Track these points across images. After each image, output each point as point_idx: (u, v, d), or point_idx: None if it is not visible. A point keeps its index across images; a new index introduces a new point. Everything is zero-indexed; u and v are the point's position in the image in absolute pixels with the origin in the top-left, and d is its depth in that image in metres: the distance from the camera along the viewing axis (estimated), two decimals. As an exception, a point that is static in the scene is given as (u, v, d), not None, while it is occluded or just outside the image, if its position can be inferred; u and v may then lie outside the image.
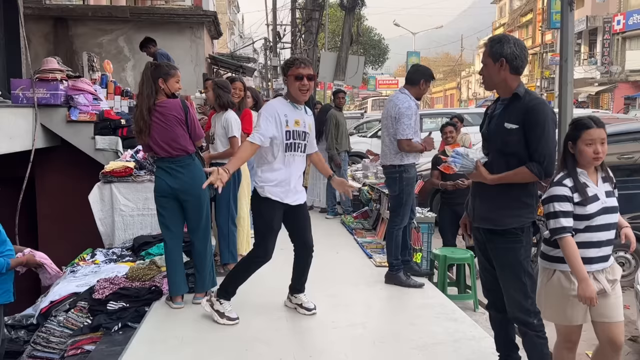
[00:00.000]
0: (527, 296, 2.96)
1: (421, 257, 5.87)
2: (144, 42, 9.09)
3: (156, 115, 4.16)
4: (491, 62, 2.96)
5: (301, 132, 3.87)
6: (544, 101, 2.95)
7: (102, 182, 6.27)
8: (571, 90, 5.90)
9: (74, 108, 7.47)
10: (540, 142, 2.84)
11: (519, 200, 2.95)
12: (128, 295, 4.36)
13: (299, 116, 3.87)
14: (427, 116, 14.96)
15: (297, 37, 22.61)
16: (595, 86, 33.19)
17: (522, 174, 2.88)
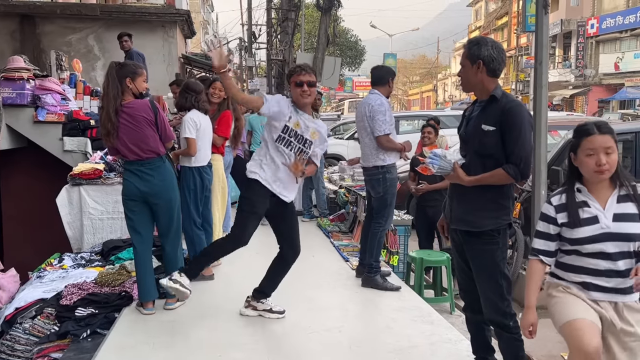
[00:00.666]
0: (504, 298, 2.99)
1: (398, 259, 5.90)
2: (121, 34, 8.97)
3: (123, 116, 4.06)
4: (469, 64, 2.99)
5: (299, 135, 3.90)
6: (520, 103, 2.99)
7: (70, 185, 6.17)
8: (546, 93, 6.00)
9: (41, 108, 7.34)
10: (516, 144, 2.88)
11: (496, 202, 2.99)
12: (97, 301, 4.28)
13: (301, 120, 3.92)
14: (403, 118, 15.08)
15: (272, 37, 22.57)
16: (569, 89, 33.88)
17: (499, 175, 2.92)
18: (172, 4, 14.36)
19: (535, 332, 2.64)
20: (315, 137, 3.96)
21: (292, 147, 3.89)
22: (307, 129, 3.92)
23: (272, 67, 22.77)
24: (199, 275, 4.23)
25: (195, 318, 4.21)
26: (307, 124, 3.93)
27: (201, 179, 5.01)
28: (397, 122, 13.66)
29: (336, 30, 19.79)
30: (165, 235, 4.33)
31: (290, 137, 3.88)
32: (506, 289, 2.99)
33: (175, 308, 4.35)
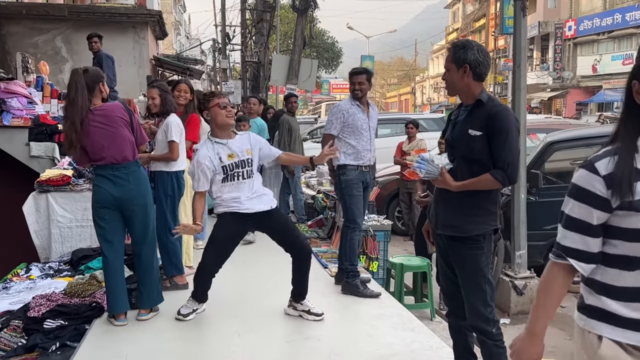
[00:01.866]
0: (487, 304, 3.02)
1: (378, 265, 5.92)
2: (91, 35, 8.85)
3: (97, 119, 4.00)
4: (454, 68, 3.02)
5: (239, 162, 4.11)
6: (507, 108, 3.03)
7: (37, 192, 6.06)
8: (524, 96, 6.10)
9: (6, 112, 7.21)
10: (503, 149, 2.91)
11: (482, 207, 3.02)
12: (66, 313, 4.21)
13: (230, 149, 4.12)
14: (381, 122, 15.14)
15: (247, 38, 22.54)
16: (547, 92, 34.47)
17: (486, 181, 2.95)
18: (143, 4, 14.29)
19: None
20: (251, 150, 4.18)
21: (240, 175, 4.12)
22: (241, 151, 4.14)
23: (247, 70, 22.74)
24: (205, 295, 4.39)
25: (168, 329, 4.17)
26: (241, 145, 4.16)
27: (178, 184, 4.99)
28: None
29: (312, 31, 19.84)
30: (141, 242, 4.27)
31: (234, 170, 4.10)
32: (489, 295, 3.02)
33: (148, 319, 4.30)
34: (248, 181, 4.13)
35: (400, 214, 9.89)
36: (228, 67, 30.41)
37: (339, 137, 5.08)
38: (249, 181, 4.14)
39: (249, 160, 4.14)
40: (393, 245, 8.18)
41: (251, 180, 4.15)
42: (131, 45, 12.58)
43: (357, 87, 5.07)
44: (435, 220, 3.19)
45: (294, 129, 8.19)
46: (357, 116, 5.05)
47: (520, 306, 6.06)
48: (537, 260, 6.72)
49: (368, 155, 5.12)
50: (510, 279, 6.11)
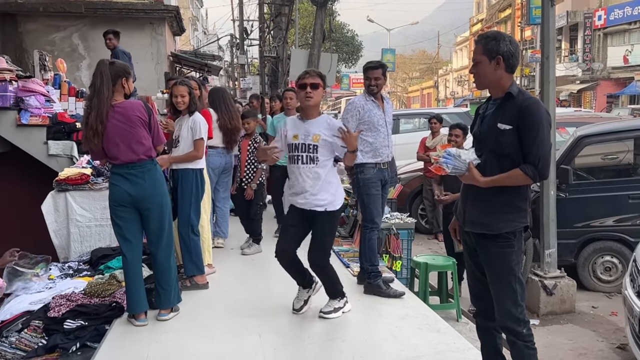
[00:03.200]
0: (517, 304, 2.99)
1: (401, 265, 5.90)
2: (106, 32, 8.94)
3: (116, 117, 4.05)
4: (486, 60, 3.00)
5: (300, 145, 4.15)
6: (538, 101, 2.99)
7: (56, 191, 6.14)
8: (553, 89, 6.03)
9: (24, 111, 7.32)
10: (534, 144, 2.88)
11: (512, 204, 3.00)
12: (86, 313, 4.27)
13: (299, 130, 4.19)
14: (403, 117, 15.09)
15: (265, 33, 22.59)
16: (576, 84, 33.97)
17: (516, 176, 2.92)
18: (160, 0, 14.36)
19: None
20: (319, 138, 4.12)
21: (299, 159, 4.16)
22: (307, 135, 4.15)
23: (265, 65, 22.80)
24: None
25: (190, 329, 4.21)
26: (309, 130, 4.16)
27: (201, 181, 5.07)
28: (397, 121, 13.67)
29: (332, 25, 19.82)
30: (157, 242, 4.31)
31: (293, 152, 4.18)
32: (520, 294, 3.00)
33: (169, 319, 4.34)
34: (306, 170, 4.14)
35: (424, 212, 9.85)
36: (246, 62, 30.53)
37: None
38: (307, 170, 4.14)
39: (310, 145, 4.14)
40: (417, 244, 8.14)
41: (309, 169, 4.14)
42: (148, 41, 12.70)
43: (372, 82, 5.03)
44: (462, 217, 3.17)
45: (314, 125, 8.17)
46: (372, 112, 5.02)
47: (550, 307, 6.01)
48: (567, 259, 6.66)
49: (386, 152, 5.10)
50: (539, 278, 6.05)
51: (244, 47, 28.83)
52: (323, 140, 4.11)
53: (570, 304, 6.07)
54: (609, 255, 6.71)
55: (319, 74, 4.21)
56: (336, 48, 36.66)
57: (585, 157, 6.98)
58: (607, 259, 6.73)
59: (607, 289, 6.74)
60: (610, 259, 6.72)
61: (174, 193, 5.00)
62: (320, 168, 4.15)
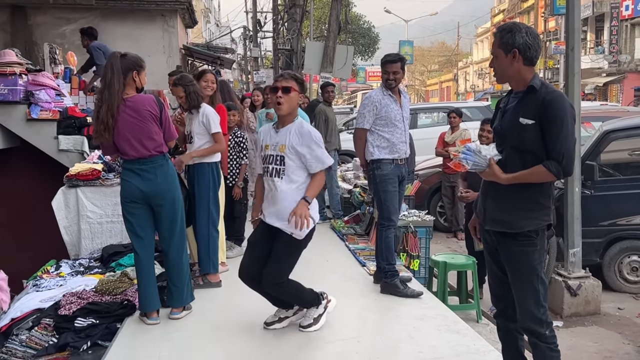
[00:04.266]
0: (540, 304, 2.98)
1: (419, 264, 5.89)
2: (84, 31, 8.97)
3: (127, 111, 4.07)
4: (502, 53, 2.98)
5: (269, 156, 3.91)
6: (561, 94, 2.97)
7: (66, 187, 6.20)
8: (578, 82, 5.97)
9: (34, 105, 7.39)
10: (558, 139, 2.86)
11: (534, 201, 2.98)
12: (98, 311, 4.32)
13: (271, 139, 3.94)
14: (421, 111, 15.04)
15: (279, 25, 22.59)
16: (602, 77, 33.55)
17: (539, 173, 2.90)
18: (171, -9, 14.43)
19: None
20: (284, 149, 3.83)
21: (268, 172, 3.91)
22: (275, 146, 3.90)
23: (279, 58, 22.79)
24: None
25: (203, 329, 4.24)
26: (277, 140, 3.90)
27: (218, 175, 5.13)
28: (415, 115, 13.63)
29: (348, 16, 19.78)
30: (169, 239, 4.34)
31: (265, 164, 3.95)
32: (542, 295, 2.98)
33: (181, 317, 4.38)
34: (279, 184, 3.84)
35: (443, 209, 9.82)
36: (259, 55, 30.57)
37: (371, 130, 5.06)
38: (279, 185, 3.84)
39: (277, 157, 3.86)
40: (435, 242, 8.12)
41: (282, 183, 3.84)
42: (160, 34, 12.75)
43: (391, 76, 5.02)
44: (483, 215, 3.16)
45: (331, 119, 8.20)
46: (390, 107, 5.02)
47: (574, 308, 5.96)
48: (592, 258, 6.60)
49: (403, 148, 5.09)
50: (563, 278, 6.01)
51: (257, 40, 28.88)
52: (290, 150, 3.81)
53: (595, 305, 6.02)
54: (636, 254, 6.64)
55: (295, 77, 3.93)
56: (352, 40, 36.58)
57: (611, 153, 6.91)
58: (634, 259, 6.67)
59: (634, 289, 6.68)
60: (637, 259, 6.66)
61: (189, 190, 5.02)
62: (285, 184, 3.83)
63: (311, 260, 6.13)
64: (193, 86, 5.08)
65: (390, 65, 5.02)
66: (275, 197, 3.86)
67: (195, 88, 5.09)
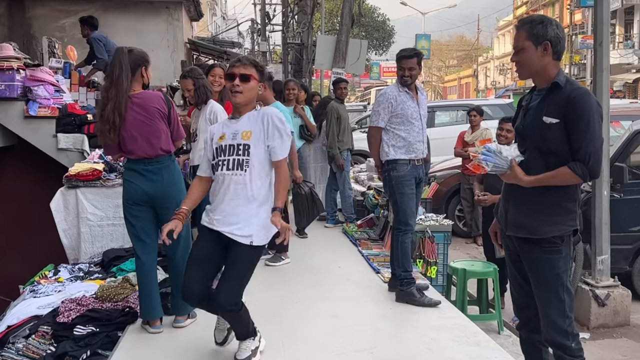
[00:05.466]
0: (565, 315, 2.97)
1: (437, 271, 5.88)
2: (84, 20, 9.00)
3: (134, 108, 4.08)
4: (531, 46, 2.98)
5: (226, 147, 3.47)
6: (588, 91, 2.96)
7: (65, 187, 6.24)
8: (607, 78, 5.94)
9: (32, 101, 7.45)
10: (584, 138, 2.85)
11: (559, 205, 2.97)
12: (98, 318, 4.34)
13: (226, 129, 3.54)
14: (439, 108, 15.01)
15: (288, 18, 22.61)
16: (632, 73, 33.31)
17: (564, 175, 2.89)
18: (176, -18, 14.48)
19: None
20: (249, 136, 3.46)
21: (224, 164, 3.46)
22: (235, 134, 3.48)
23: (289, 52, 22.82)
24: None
25: (208, 337, 4.24)
26: (237, 128, 3.51)
27: None
28: (433, 113, 13.60)
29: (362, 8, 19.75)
30: (174, 245, 4.33)
31: (219, 157, 3.48)
32: (568, 305, 2.98)
33: (185, 326, 4.39)
34: (235, 179, 3.43)
35: (462, 213, 9.79)
36: (268, 49, 30.60)
37: (386, 128, 5.05)
38: (235, 179, 3.43)
39: (238, 146, 3.45)
40: (454, 248, 8.10)
41: (241, 177, 3.43)
42: (164, 27, 12.79)
43: (406, 72, 5.01)
44: (504, 220, 3.15)
45: (343, 117, 8.20)
46: (406, 104, 5.01)
47: (602, 319, 5.92)
48: (621, 266, 6.56)
49: (421, 148, 5.08)
50: (590, 287, 5.97)
51: (266, 33, 28.91)
52: (257, 137, 3.46)
53: (625, 316, 5.98)
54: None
55: (254, 62, 3.57)
56: (366, 34, 36.56)
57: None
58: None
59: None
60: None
61: None
62: (250, 179, 3.43)
63: (322, 266, 6.14)
64: (203, 80, 5.11)
65: (406, 60, 5.02)
66: (235, 197, 3.43)
67: (205, 82, 5.13)
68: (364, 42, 15.10)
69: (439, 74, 72.06)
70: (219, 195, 3.49)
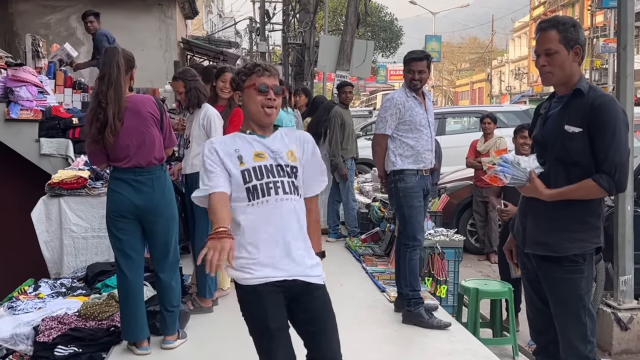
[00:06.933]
0: (587, 340, 2.96)
1: (447, 290, 5.85)
2: (85, 14, 9.03)
3: (127, 113, 4.06)
4: (564, 49, 2.97)
5: (272, 167, 2.87)
6: (612, 99, 2.97)
7: (48, 196, 6.22)
8: (631, 84, 5.93)
9: (14, 103, 7.45)
10: (609, 149, 2.86)
11: (582, 220, 2.97)
12: (81, 338, 4.32)
13: (259, 147, 2.94)
14: (450, 115, 15.03)
15: (290, 16, 22.70)
16: (657, 79, 33.37)
17: (588, 188, 2.89)
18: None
19: None
20: (294, 156, 2.96)
21: (272, 189, 2.83)
22: (279, 153, 2.92)
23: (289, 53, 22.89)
24: None
25: (198, 358, 4.22)
26: (272, 146, 2.94)
27: None
28: (443, 120, 13.62)
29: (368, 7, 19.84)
30: (162, 260, 4.33)
31: (262, 179, 2.83)
32: (590, 329, 2.97)
33: (175, 347, 4.36)
34: (285, 205, 2.83)
35: (474, 228, 9.76)
36: (267, 50, 30.70)
37: (393, 136, 5.04)
38: (285, 205, 2.83)
39: (287, 167, 2.90)
40: (465, 265, 8.07)
41: (289, 203, 2.84)
42: (156, 25, 12.83)
43: (416, 76, 5.01)
44: (521, 236, 3.13)
45: (348, 124, 8.20)
46: (414, 110, 5.01)
47: (625, 344, 5.88)
48: (646, 287, 6.51)
49: (429, 157, 5.08)
50: (612, 310, 5.94)
51: (265, 33, 29.01)
52: (299, 161, 2.98)
53: (650, 341, 5.95)
54: None
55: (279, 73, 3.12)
56: (372, 34, 36.68)
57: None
58: None
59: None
60: None
61: (187, 203, 5.01)
62: (302, 207, 2.94)
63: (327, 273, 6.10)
64: (195, 82, 5.10)
65: (416, 63, 5.01)
66: (296, 226, 2.87)
67: (198, 84, 5.10)
68: (370, 43, 15.15)
69: (449, 78, 72.22)
70: (269, 229, 2.81)
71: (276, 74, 3.06)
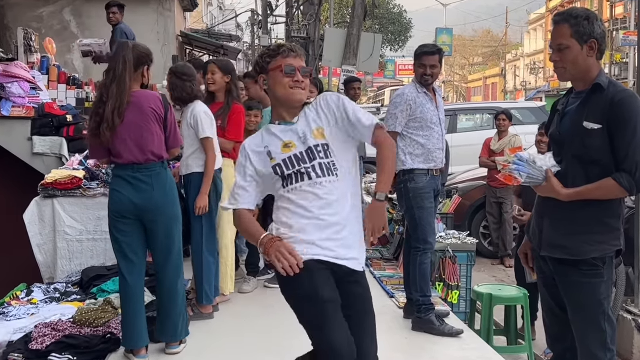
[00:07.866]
0: (606, 348, 2.96)
1: (459, 296, 5.85)
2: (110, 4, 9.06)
3: (129, 108, 4.09)
4: (577, 44, 2.97)
5: (300, 155, 2.95)
6: (633, 94, 2.96)
7: (41, 197, 6.24)
8: (653, 79, 5.93)
9: (5, 100, 7.47)
10: (630, 147, 2.86)
11: (601, 222, 2.97)
12: (76, 345, 4.33)
13: (286, 136, 3.01)
14: (462, 112, 15.01)
15: (293, 9, 22.72)
16: (681, 74, 33.24)
17: (607, 188, 2.89)
18: (168, -33, 14.58)
19: None
20: (322, 133, 2.98)
21: (307, 174, 2.92)
22: (305, 136, 2.98)
23: (293, 47, 22.88)
24: None
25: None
26: (299, 130, 3.00)
27: (216, 186, 5.06)
28: (455, 117, 13.61)
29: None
30: (164, 263, 4.34)
31: (294, 167, 2.94)
32: (610, 336, 2.97)
33: (179, 352, 4.38)
34: (324, 187, 2.91)
35: (488, 230, 9.74)
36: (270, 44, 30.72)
37: (402, 134, 5.02)
38: (324, 187, 2.91)
39: (316, 148, 2.95)
40: (478, 270, 8.06)
41: (330, 184, 2.92)
42: (154, 18, 12.86)
43: (428, 71, 5.00)
44: (538, 239, 3.13)
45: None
46: (425, 107, 5.00)
47: (647, 353, 5.87)
48: (668, 293, 6.49)
49: (440, 156, 5.07)
50: (633, 317, 5.92)
51: (268, 26, 29.03)
52: (331, 131, 3.00)
53: (672, 349, 5.94)
54: None
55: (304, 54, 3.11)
56: (380, 27, 36.65)
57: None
58: None
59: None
60: None
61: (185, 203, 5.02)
62: (343, 182, 2.96)
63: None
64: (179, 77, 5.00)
65: (428, 57, 5.01)
66: (333, 210, 2.92)
67: (180, 80, 5.01)
68: (378, 37, 15.15)
69: (462, 72, 72.12)
70: (308, 215, 2.91)
71: (302, 54, 3.12)
